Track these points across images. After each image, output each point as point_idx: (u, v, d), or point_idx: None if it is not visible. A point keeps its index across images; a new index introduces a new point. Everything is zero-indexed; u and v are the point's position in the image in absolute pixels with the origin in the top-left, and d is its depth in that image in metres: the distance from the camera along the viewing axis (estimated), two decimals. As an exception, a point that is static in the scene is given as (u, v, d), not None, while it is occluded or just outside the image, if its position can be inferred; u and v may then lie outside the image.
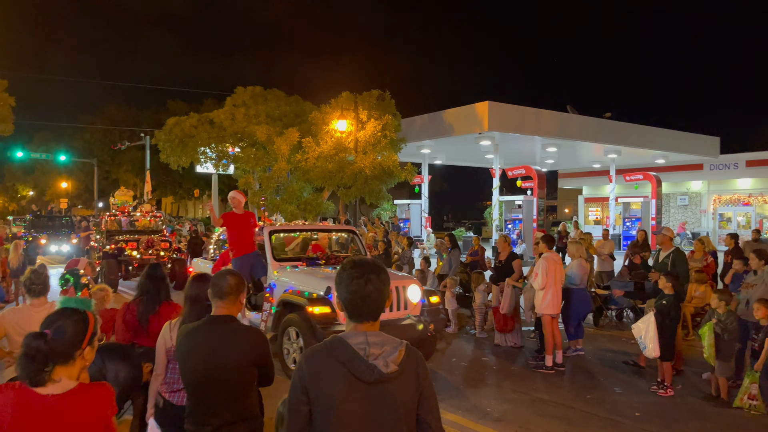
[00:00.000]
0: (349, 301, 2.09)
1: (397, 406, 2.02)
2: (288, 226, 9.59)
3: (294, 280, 7.46)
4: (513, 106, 20.67)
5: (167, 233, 16.57)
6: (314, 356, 2.06)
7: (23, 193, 54.54)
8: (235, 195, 8.34)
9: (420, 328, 7.01)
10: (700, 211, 31.84)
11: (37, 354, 2.02)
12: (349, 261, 2.16)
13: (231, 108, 21.59)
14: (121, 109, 46.28)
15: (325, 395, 1.99)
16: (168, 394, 3.57)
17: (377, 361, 2.00)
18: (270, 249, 8.07)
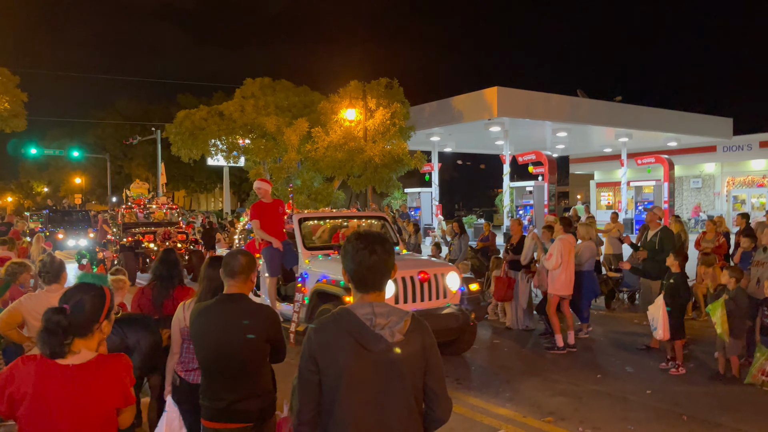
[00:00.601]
0: (354, 272, 2.15)
1: (404, 374, 2.08)
2: (317, 214, 9.21)
3: (328, 269, 7.15)
4: (522, 91, 20.57)
5: (183, 225, 16.56)
6: (322, 327, 2.12)
7: (38, 189, 55.17)
8: (261, 184, 8.12)
9: (461, 317, 6.83)
10: (714, 193, 31.57)
11: (57, 328, 2.10)
12: (353, 234, 2.21)
13: (240, 100, 21.68)
14: (131, 104, 46.61)
15: (333, 365, 2.06)
16: (183, 373, 3.67)
17: (383, 331, 2.05)
18: (300, 237, 7.85)
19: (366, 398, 2.06)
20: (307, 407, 2.11)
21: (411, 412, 2.11)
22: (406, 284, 6.71)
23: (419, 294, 6.77)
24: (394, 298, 6.52)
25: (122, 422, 2.26)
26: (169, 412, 3.62)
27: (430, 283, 6.87)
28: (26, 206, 55.39)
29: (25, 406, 2.03)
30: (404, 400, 2.09)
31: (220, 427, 3.06)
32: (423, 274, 6.84)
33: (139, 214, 16.06)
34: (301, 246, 7.75)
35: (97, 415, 2.11)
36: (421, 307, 6.70)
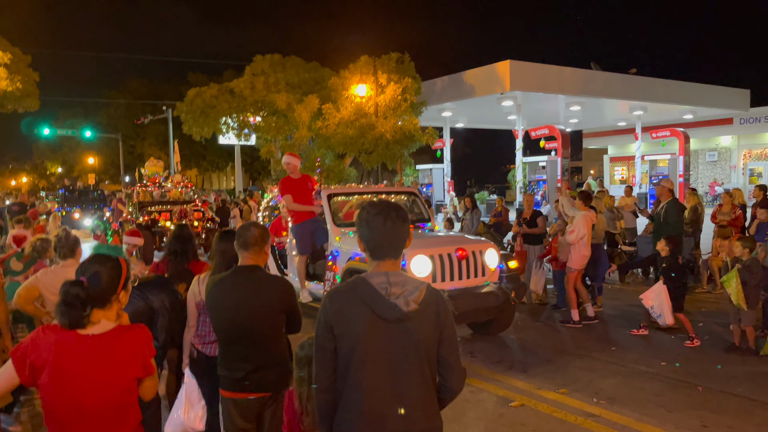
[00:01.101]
0: (369, 239, 2.15)
1: (418, 343, 2.08)
2: (347, 189, 8.75)
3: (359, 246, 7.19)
4: (535, 64, 20.27)
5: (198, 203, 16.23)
6: (338, 295, 2.13)
7: (52, 169, 55.59)
8: (290, 159, 7.74)
9: (501, 295, 6.58)
10: (730, 166, 31.15)
11: (75, 300, 2.12)
12: (368, 202, 2.21)
13: (250, 77, 21.58)
14: (142, 83, 46.55)
15: (348, 333, 2.07)
16: (201, 346, 3.71)
17: (398, 300, 2.05)
18: (330, 214, 7.49)
19: (380, 367, 2.07)
20: (325, 374, 2.12)
21: (425, 381, 2.12)
22: (443, 262, 6.44)
23: (457, 272, 6.51)
24: (431, 277, 6.29)
25: (144, 393, 2.28)
26: (188, 384, 3.66)
27: (468, 260, 6.58)
28: (41, 186, 55.95)
29: (46, 374, 2.06)
30: (418, 370, 2.10)
31: (238, 396, 3.10)
32: (461, 251, 6.56)
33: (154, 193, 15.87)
34: (330, 223, 7.42)
35: (117, 385, 2.14)
36: (458, 285, 6.49)
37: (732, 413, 4.84)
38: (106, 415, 2.12)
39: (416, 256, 6.28)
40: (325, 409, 2.15)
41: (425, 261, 6.31)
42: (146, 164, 17.32)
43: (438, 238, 7.30)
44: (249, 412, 3.12)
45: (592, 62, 25.16)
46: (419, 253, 6.32)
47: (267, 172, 32.57)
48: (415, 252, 6.29)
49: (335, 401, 2.13)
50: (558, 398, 5.26)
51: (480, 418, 4.88)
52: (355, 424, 2.06)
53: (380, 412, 2.05)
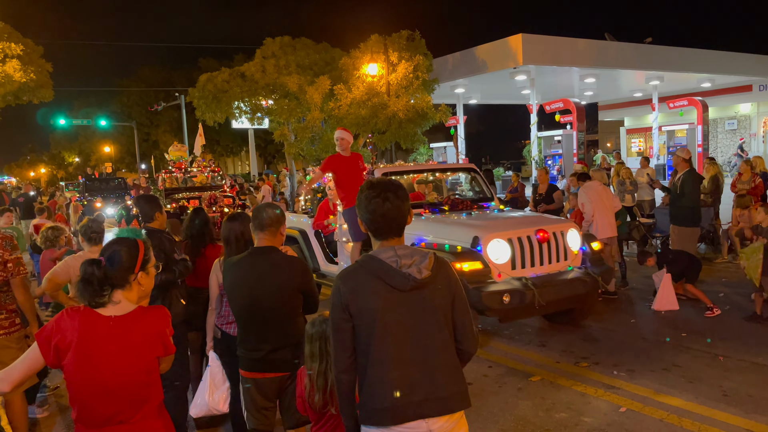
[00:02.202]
0: (370, 220, 2.18)
1: (436, 308, 2.14)
2: (401, 168, 7.99)
3: (425, 230, 6.27)
4: (547, 37, 19.96)
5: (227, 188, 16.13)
6: (350, 275, 2.16)
7: (69, 159, 56.22)
8: (342, 134, 6.94)
9: (589, 282, 5.88)
10: (750, 134, 30.59)
11: (92, 278, 2.18)
12: (366, 182, 2.24)
13: (261, 60, 21.50)
14: (154, 70, 46.69)
15: (366, 309, 2.10)
16: (224, 326, 3.78)
17: (410, 270, 2.10)
18: None
19: (402, 336, 2.10)
20: (344, 355, 2.15)
21: (448, 346, 2.17)
22: (522, 246, 5.79)
23: (538, 257, 5.86)
24: (509, 263, 5.70)
25: (162, 370, 2.34)
26: (212, 366, 3.74)
27: (549, 243, 5.92)
28: (59, 177, 56.63)
29: (71, 355, 2.12)
30: (439, 335, 2.14)
31: (258, 376, 3.15)
32: (542, 232, 5.89)
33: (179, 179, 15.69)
34: None
35: (139, 364, 2.19)
36: (541, 272, 5.84)
37: (753, 382, 4.82)
38: (130, 394, 2.17)
39: (493, 240, 5.69)
40: (347, 390, 2.19)
41: (503, 246, 5.71)
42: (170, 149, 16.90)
43: (514, 219, 6.58)
44: (269, 391, 3.17)
45: (606, 33, 24.72)
46: (496, 237, 5.71)
47: (281, 155, 32.64)
48: (491, 235, 5.70)
49: (356, 381, 2.17)
50: (578, 371, 5.28)
51: (499, 392, 4.91)
52: (384, 397, 2.08)
53: (409, 381, 2.09)
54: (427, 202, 7.19)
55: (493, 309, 5.44)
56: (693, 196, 7.87)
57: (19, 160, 79.58)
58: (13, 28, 16.99)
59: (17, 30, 17.12)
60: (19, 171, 74.49)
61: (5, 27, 16.77)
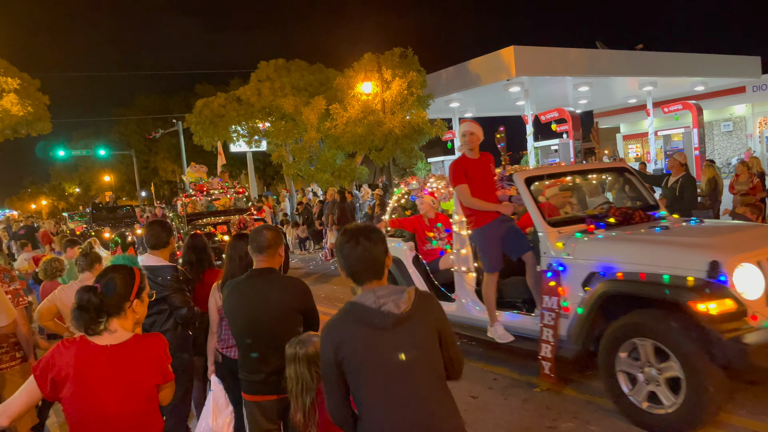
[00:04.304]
0: (346, 267, 2.21)
1: (420, 342, 2.13)
2: (548, 170, 6.14)
3: (614, 255, 4.49)
4: (539, 48, 20.12)
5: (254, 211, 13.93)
6: (333, 326, 2.17)
7: (70, 190, 56.42)
8: (472, 128, 5.30)
9: None
10: (746, 135, 30.67)
11: (88, 305, 2.20)
12: (342, 229, 2.26)
13: (256, 83, 21.71)
14: (151, 98, 47.03)
15: (353, 356, 2.11)
16: (224, 350, 3.78)
17: (388, 306, 2.10)
18: (536, 208, 5.13)
19: (392, 377, 2.10)
20: (338, 404, 2.18)
21: (438, 380, 2.17)
22: None
23: None
24: (765, 298, 4.00)
25: (163, 398, 2.34)
26: (215, 391, 3.73)
27: None
28: (60, 208, 56.74)
29: (68, 387, 2.12)
30: (429, 369, 2.14)
31: (260, 399, 3.15)
32: None
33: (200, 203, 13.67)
34: (541, 221, 5.02)
35: (138, 393, 2.19)
36: None
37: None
38: (129, 423, 2.17)
39: (742, 264, 3.99)
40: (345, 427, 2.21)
41: (754, 273, 4.02)
42: (187, 170, 15.02)
43: (749, 232, 4.80)
44: (272, 414, 3.17)
45: (597, 41, 24.91)
46: (743, 259, 4.02)
47: (280, 177, 32.73)
48: (737, 257, 4.01)
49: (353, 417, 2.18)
50: (583, 380, 5.25)
51: (504, 404, 4.89)
52: None
53: (404, 422, 2.08)
54: (587, 215, 5.26)
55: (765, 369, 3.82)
56: (692, 199, 7.90)
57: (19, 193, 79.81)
58: (9, 63, 17.19)
59: (14, 64, 17.32)
60: (20, 204, 74.65)
61: (1, 62, 16.96)
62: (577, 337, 4.63)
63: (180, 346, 3.93)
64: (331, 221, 14.62)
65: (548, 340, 4.82)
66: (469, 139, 5.28)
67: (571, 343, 4.70)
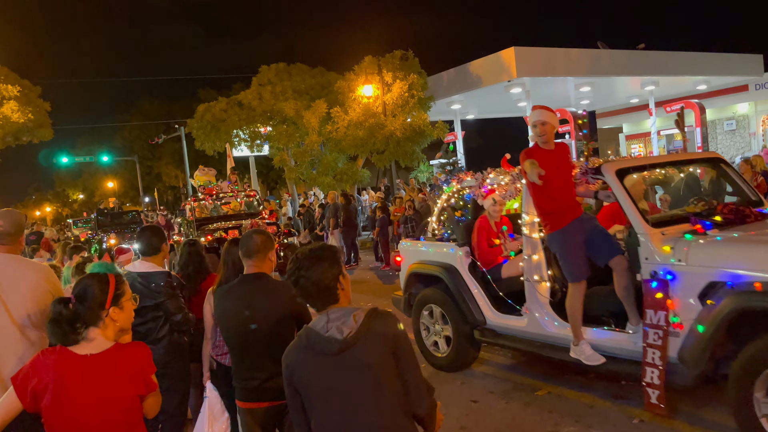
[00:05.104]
0: (299, 293, 2.17)
1: (370, 368, 2.02)
2: (641, 161, 5.34)
3: (743, 261, 3.72)
4: (540, 48, 20.09)
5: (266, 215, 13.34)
6: (287, 355, 2.16)
7: (74, 197, 56.61)
8: (544, 117, 4.54)
9: None
10: (749, 134, 30.53)
11: (60, 317, 2.15)
12: (293, 256, 2.21)
13: (257, 88, 21.72)
14: (154, 104, 47.19)
15: (304, 382, 2.09)
16: (219, 357, 3.73)
17: (332, 332, 2.04)
18: (634, 205, 4.34)
19: (341, 405, 2.04)
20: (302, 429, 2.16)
21: (389, 406, 2.05)
22: None
23: None
24: None
25: (148, 409, 2.28)
26: (210, 397, 3.68)
27: None
28: (64, 214, 56.92)
29: (48, 397, 2.08)
30: (382, 398, 2.03)
31: (254, 407, 3.09)
32: None
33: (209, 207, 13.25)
34: (641, 221, 4.24)
35: (119, 403, 2.14)
36: None
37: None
38: None
39: None
40: None
41: None
42: (196, 174, 14.59)
43: None
44: (267, 421, 3.12)
45: (599, 41, 24.83)
46: None
47: (283, 181, 32.74)
48: None
49: None
50: (585, 383, 5.18)
51: (506, 408, 4.83)
52: None
53: None
54: (691, 213, 4.53)
55: None
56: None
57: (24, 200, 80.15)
58: (10, 70, 17.23)
59: (14, 71, 17.35)
60: (24, 211, 74.95)
61: (2, 69, 17.01)
62: (696, 361, 3.78)
63: (176, 353, 3.89)
64: (333, 224, 14.55)
65: (654, 363, 3.99)
66: (540, 130, 4.52)
67: (683, 368, 3.89)
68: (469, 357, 5.78)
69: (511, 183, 5.43)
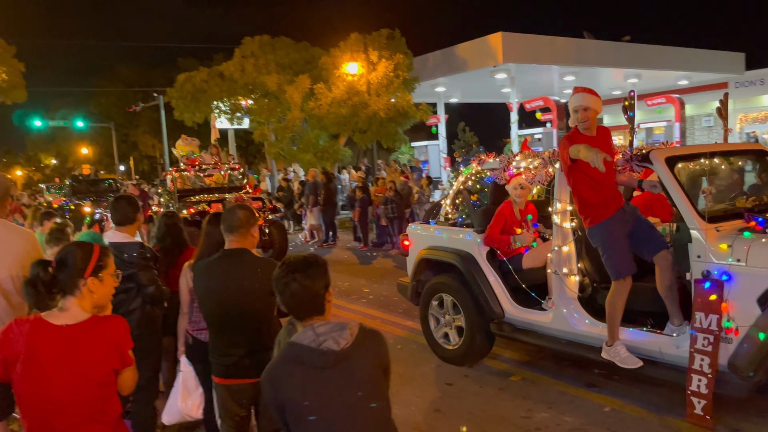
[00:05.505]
0: (283, 301, 2.07)
1: (363, 381, 2.00)
2: (692, 149, 4.96)
3: None
4: (527, 35, 20.05)
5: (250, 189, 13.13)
6: (270, 371, 2.03)
7: (46, 161, 55.39)
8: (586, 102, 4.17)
9: None
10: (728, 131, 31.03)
11: (37, 279, 2.09)
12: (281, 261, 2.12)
13: (240, 59, 21.31)
14: (133, 70, 46.06)
15: (293, 401, 1.97)
16: (195, 332, 3.68)
17: (328, 343, 1.97)
18: (687, 197, 3.98)
19: (334, 420, 1.97)
20: None
21: (384, 420, 2.04)
22: None
23: None
24: None
25: (123, 385, 2.22)
26: (184, 372, 3.64)
27: None
28: (36, 179, 55.70)
29: (19, 367, 2.02)
30: (376, 411, 2.02)
31: (230, 383, 3.06)
32: None
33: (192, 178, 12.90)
34: (694, 215, 3.89)
35: (93, 376, 2.08)
36: None
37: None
38: (83, 408, 2.07)
39: None
40: None
41: None
42: (178, 143, 13.84)
43: None
44: (243, 398, 3.08)
45: (585, 31, 24.88)
46: None
47: (262, 156, 32.40)
48: None
49: None
50: (559, 370, 5.25)
51: (480, 393, 4.86)
52: None
53: None
54: (743, 208, 4.19)
55: None
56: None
57: (-6, 163, 78.23)
58: (-17, 29, 16.65)
59: (-12, 30, 16.78)
60: (-6, 174, 73.13)
61: (-25, 27, 16.42)
62: (754, 370, 3.50)
63: (148, 326, 3.82)
64: (312, 202, 14.45)
65: (702, 371, 3.67)
66: (582, 116, 4.16)
67: (735, 377, 3.63)
68: (482, 351, 5.39)
69: (541, 167, 4.99)
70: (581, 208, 4.31)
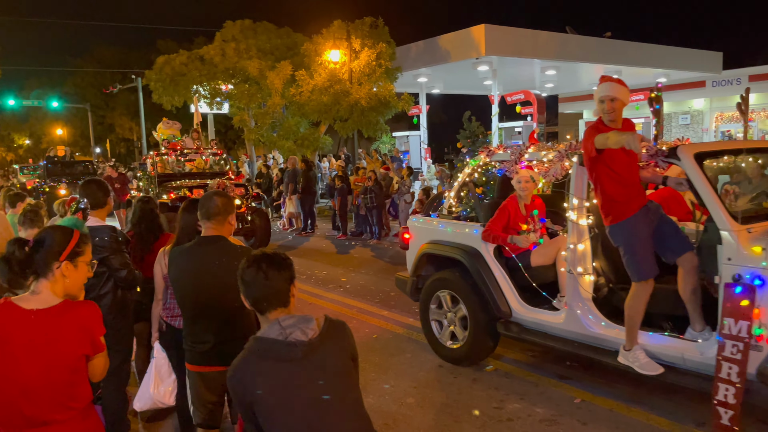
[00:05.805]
0: (247, 294, 2.05)
1: (334, 372, 1.99)
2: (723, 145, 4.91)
3: None
4: (510, 28, 20.10)
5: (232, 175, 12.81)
6: (237, 369, 1.98)
7: (20, 141, 54.19)
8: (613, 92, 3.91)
9: None
10: (702, 129, 31.51)
11: (11, 257, 2.06)
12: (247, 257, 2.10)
13: (221, 43, 21.04)
14: (110, 50, 45.23)
15: (263, 398, 1.93)
16: (169, 319, 3.65)
17: (295, 334, 1.95)
18: (716, 195, 3.77)
19: (307, 413, 1.94)
20: None
21: (355, 409, 2.04)
22: None
23: None
24: None
25: (94, 371, 2.20)
26: (158, 358, 3.62)
27: None
28: (8, 159, 54.50)
29: None
30: (349, 402, 2.01)
31: (204, 370, 3.05)
32: None
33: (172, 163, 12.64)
34: (725, 215, 3.66)
35: (63, 362, 2.06)
36: None
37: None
38: (53, 394, 2.04)
39: None
40: None
41: None
42: (159, 126, 13.67)
43: None
44: (216, 385, 3.08)
45: (568, 26, 25.01)
46: None
47: (241, 141, 32.12)
48: None
49: None
50: (531, 361, 5.32)
51: (453, 383, 4.91)
52: None
53: None
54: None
55: None
56: None
57: (-35, 142, 76.38)
58: (-45, 3, 16.17)
59: (-39, 4, 16.29)
60: (-35, 153, 71.46)
61: (-53, 1, 15.95)
62: None
63: (119, 311, 3.78)
64: (291, 190, 14.38)
65: (730, 380, 3.44)
66: (608, 107, 3.90)
67: (764, 387, 3.46)
68: (485, 350, 5.17)
69: (557, 160, 4.72)
70: (603, 205, 4.03)
